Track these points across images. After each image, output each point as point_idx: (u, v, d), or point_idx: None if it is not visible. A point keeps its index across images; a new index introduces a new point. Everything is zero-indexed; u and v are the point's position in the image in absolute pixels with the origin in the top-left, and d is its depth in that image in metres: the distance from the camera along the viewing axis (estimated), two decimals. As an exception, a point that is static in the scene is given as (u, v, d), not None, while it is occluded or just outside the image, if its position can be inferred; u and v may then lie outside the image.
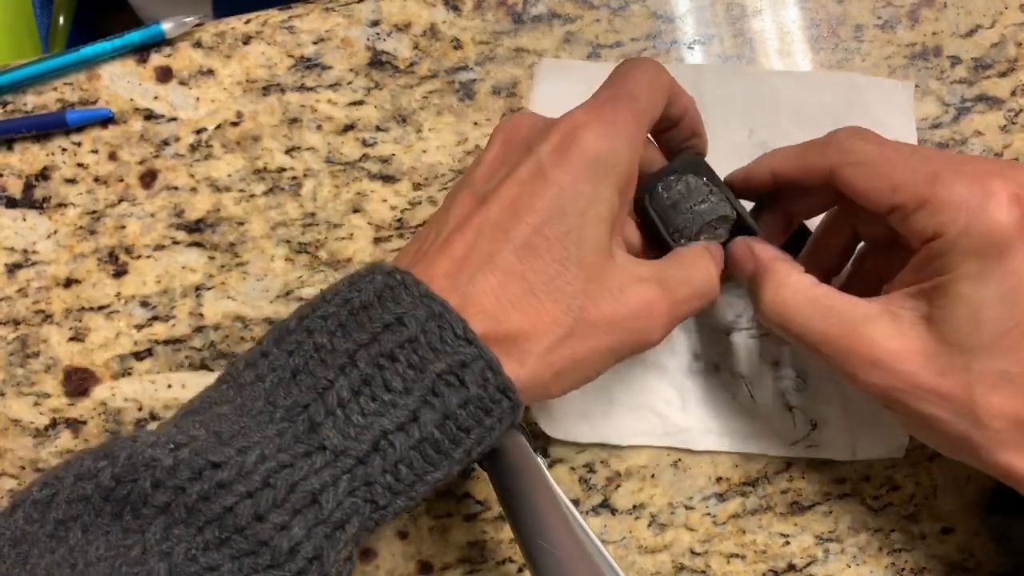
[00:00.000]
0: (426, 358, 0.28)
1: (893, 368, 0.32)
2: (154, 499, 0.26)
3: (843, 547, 0.41)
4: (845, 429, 0.41)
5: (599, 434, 0.41)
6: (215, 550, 0.26)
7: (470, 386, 0.28)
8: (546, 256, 0.31)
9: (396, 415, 0.28)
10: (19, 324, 0.41)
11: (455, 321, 0.29)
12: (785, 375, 0.41)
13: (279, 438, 0.28)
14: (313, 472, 0.27)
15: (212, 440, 0.27)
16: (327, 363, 0.29)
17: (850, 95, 0.42)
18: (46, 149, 0.42)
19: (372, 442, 0.28)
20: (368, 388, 0.28)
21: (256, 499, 0.26)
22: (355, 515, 0.27)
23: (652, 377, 0.41)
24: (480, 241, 0.31)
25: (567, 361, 0.31)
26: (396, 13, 0.43)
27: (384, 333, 0.29)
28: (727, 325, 0.41)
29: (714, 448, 0.41)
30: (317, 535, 0.27)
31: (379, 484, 0.28)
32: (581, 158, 0.32)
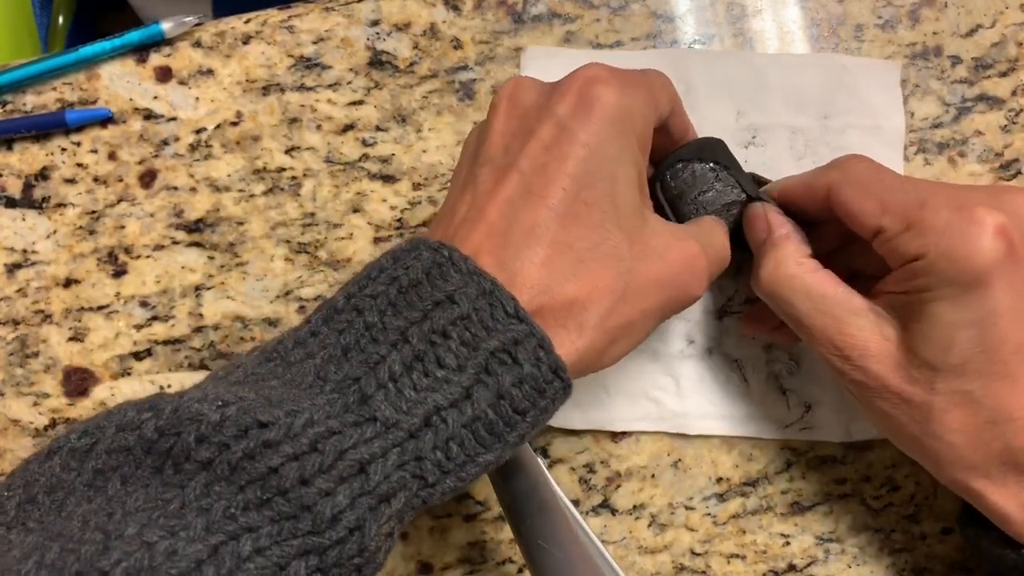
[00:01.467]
0: (478, 335, 0.28)
1: (865, 366, 0.33)
2: (197, 454, 0.26)
3: (843, 547, 0.41)
4: (838, 411, 0.41)
5: (593, 421, 0.41)
6: (255, 510, 0.25)
7: (523, 364, 0.28)
8: (588, 222, 0.30)
9: (449, 391, 0.27)
10: (19, 324, 0.41)
11: (506, 299, 0.28)
12: (778, 358, 0.41)
13: (329, 407, 0.27)
14: (363, 441, 0.26)
15: (261, 402, 0.27)
16: (378, 340, 0.28)
17: (838, 76, 0.42)
18: (45, 149, 0.42)
19: (424, 417, 0.27)
20: (420, 364, 0.28)
21: (302, 462, 0.26)
22: (402, 490, 0.27)
23: (645, 362, 0.41)
24: (518, 212, 0.30)
25: (623, 326, 0.31)
26: (396, 13, 0.43)
27: (435, 310, 0.28)
28: (720, 309, 0.41)
29: (709, 432, 0.41)
30: (361, 505, 0.26)
31: (429, 460, 0.27)
32: (604, 114, 0.31)
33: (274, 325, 0.41)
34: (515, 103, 0.33)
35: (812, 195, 0.36)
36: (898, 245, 0.32)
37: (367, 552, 0.26)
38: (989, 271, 0.30)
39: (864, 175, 0.34)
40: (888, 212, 0.33)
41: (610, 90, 0.31)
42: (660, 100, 0.34)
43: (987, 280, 0.31)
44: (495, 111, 0.33)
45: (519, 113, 0.32)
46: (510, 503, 0.32)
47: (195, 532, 0.24)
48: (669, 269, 0.32)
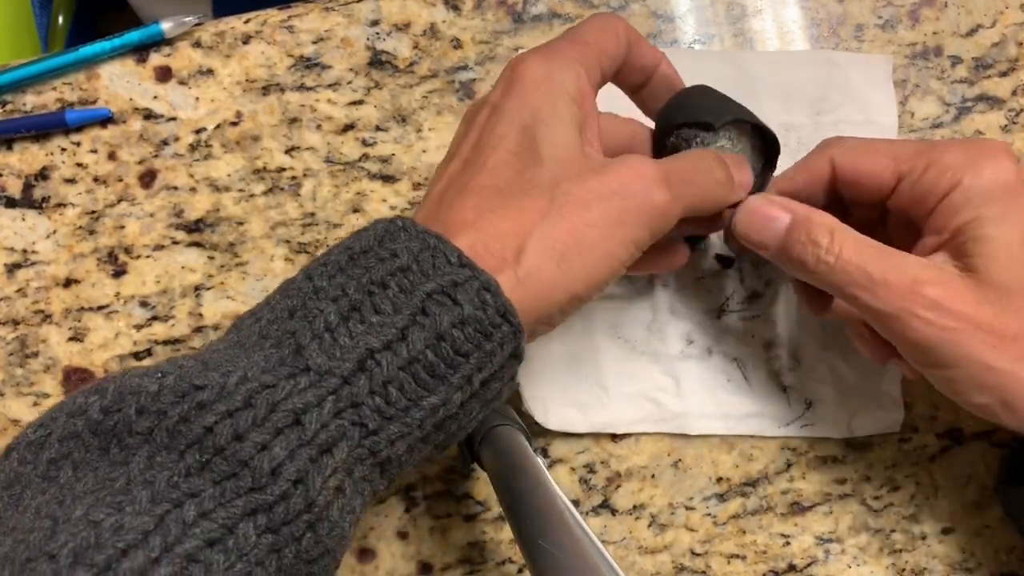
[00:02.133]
0: (417, 282, 0.28)
1: (951, 308, 0.32)
2: (137, 425, 0.26)
3: (843, 547, 0.41)
4: (839, 407, 0.41)
5: (593, 423, 0.41)
6: (196, 475, 0.25)
7: (464, 305, 0.27)
8: (518, 165, 0.31)
9: (383, 334, 0.27)
10: (18, 324, 0.41)
11: (449, 250, 0.28)
12: (778, 355, 0.41)
13: (264, 362, 0.27)
14: (296, 392, 0.26)
15: (199, 367, 0.27)
16: (320, 297, 0.28)
17: (830, 71, 0.42)
18: (45, 149, 0.42)
19: (358, 361, 0.27)
20: (357, 313, 0.28)
21: (236, 418, 0.25)
22: (343, 439, 0.26)
23: (645, 364, 0.41)
24: (456, 179, 0.32)
25: (568, 243, 0.30)
26: (396, 13, 0.43)
27: (378, 265, 0.28)
28: (719, 308, 0.41)
29: (710, 432, 0.41)
30: (301, 457, 0.26)
31: (367, 406, 0.27)
32: (527, 84, 0.32)
33: (274, 325, 0.41)
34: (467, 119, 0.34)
35: (815, 178, 0.35)
36: (926, 184, 0.33)
37: (316, 507, 0.26)
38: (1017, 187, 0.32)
39: (861, 141, 0.35)
40: (902, 159, 0.33)
41: (532, 62, 0.32)
42: (602, 45, 0.34)
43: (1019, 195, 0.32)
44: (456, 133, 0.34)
45: (467, 122, 0.34)
46: (510, 503, 0.32)
47: (140, 505, 0.24)
48: (610, 181, 0.31)
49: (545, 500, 0.31)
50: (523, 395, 0.40)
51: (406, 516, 0.41)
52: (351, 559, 0.40)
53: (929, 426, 0.42)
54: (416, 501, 0.41)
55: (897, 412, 0.41)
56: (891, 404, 0.41)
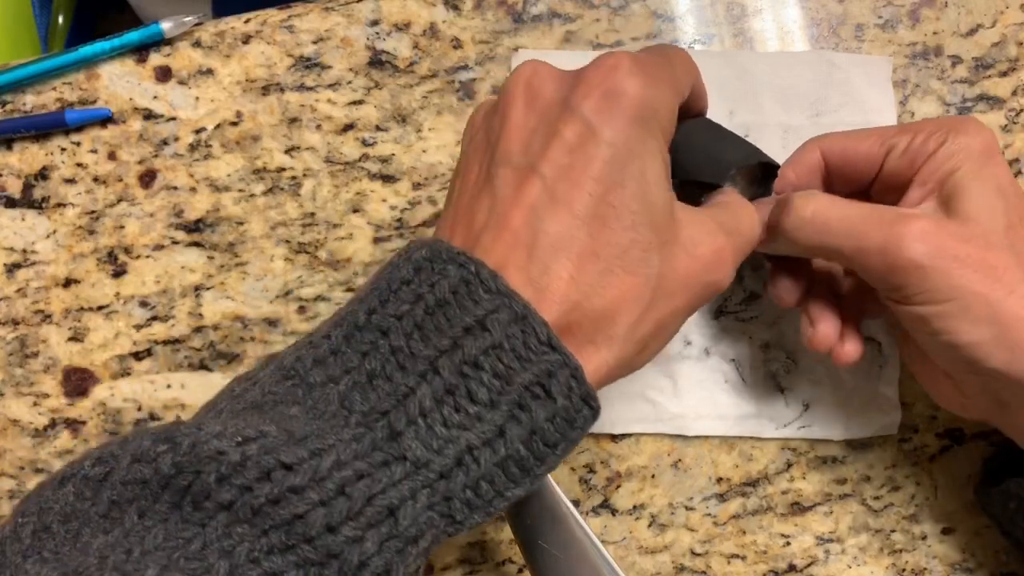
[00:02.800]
0: (511, 367, 0.27)
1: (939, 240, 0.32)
2: (218, 495, 0.25)
3: (844, 547, 0.41)
4: (837, 408, 0.41)
5: None
6: (279, 555, 0.24)
7: (557, 398, 0.27)
8: (615, 226, 0.29)
9: (482, 429, 0.26)
10: (18, 324, 0.41)
11: (539, 324, 0.27)
12: (775, 357, 0.41)
13: (356, 443, 0.26)
14: (392, 484, 0.26)
15: (282, 438, 0.25)
16: (406, 369, 0.27)
17: (828, 72, 0.42)
18: (45, 149, 0.42)
19: (456, 457, 0.26)
20: (452, 398, 0.27)
21: (329, 508, 0.25)
22: (430, 529, 0.26)
23: None
24: (543, 221, 0.29)
25: (652, 332, 0.30)
26: (396, 12, 0.43)
27: (466, 337, 0.27)
28: (716, 309, 0.41)
29: (707, 433, 0.41)
30: (389, 550, 0.25)
31: (458, 500, 0.26)
32: (629, 110, 0.29)
33: (274, 325, 0.41)
34: (533, 94, 0.31)
35: (807, 170, 0.37)
36: (915, 147, 0.35)
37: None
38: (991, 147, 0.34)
39: (843, 132, 0.37)
40: (888, 136, 0.35)
41: (635, 82, 0.30)
42: (683, 83, 0.33)
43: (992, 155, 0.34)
44: (511, 101, 0.31)
45: (539, 107, 0.30)
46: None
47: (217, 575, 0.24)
48: (697, 265, 0.31)
49: (545, 500, 0.31)
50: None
51: (406, 516, 0.41)
52: (351, 559, 0.40)
53: (929, 426, 0.42)
54: (416, 501, 0.41)
55: (894, 414, 0.41)
56: (888, 406, 0.41)
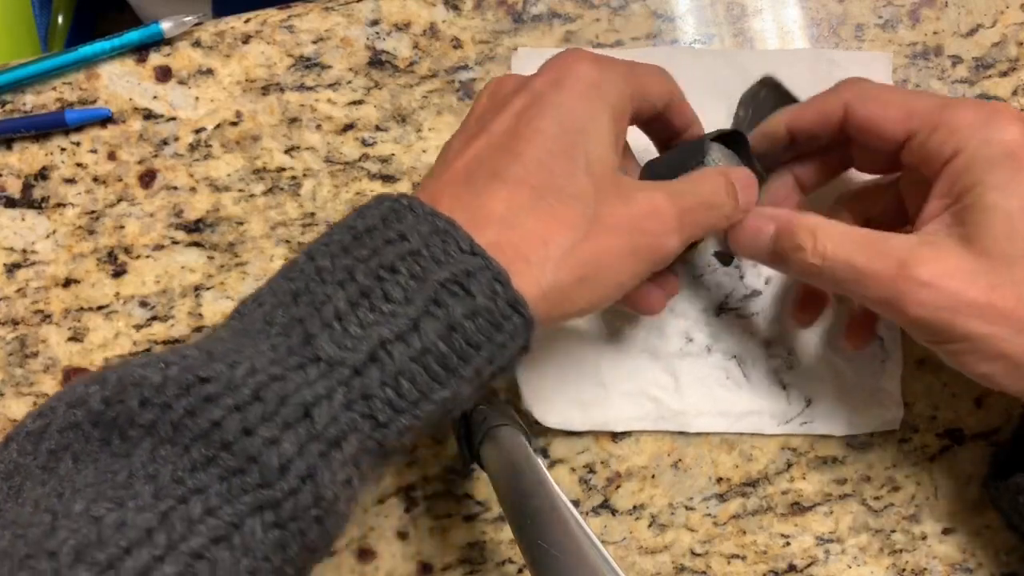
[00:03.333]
0: (428, 268, 0.27)
1: (943, 287, 0.31)
2: (141, 418, 0.25)
3: (844, 548, 0.41)
4: (839, 404, 0.41)
5: (593, 421, 0.41)
6: (202, 470, 0.25)
7: (476, 295, 0.27)
8: (554, 168, 0.30)
9: (396, 324, 0.26)
10: (18, 324, 0.41)
11: (461, 236, 0.28)
12: (777, 353, 0.41)
13: (272, 352, 0.26)
14: (306, 384, 0.25)
15: (203, 357, 0.26)
16: (326, 281, 0.27)
17: (827, 70, 0.42)
18: (45, 149, 0.42)
19: (369, 352, 0.26)
20: (367, 300, 0.27)
21: (244, 412, 0.25)
22: (353, 432, 0.26)
23: (645, 361, 0.41)
24: (484, 161, 0.30)
25: (590, 265, 0.30)
26: (396, 12, 0.43)
27: (385, 247, 0.28)
28: (718, 306, 0.41)
29: (709, 430, 0.41)
30: (310, 452, 0.25)
31: (378, 398, 0.26)
32: (576, 83, 0.31)
33: (274, 325, 0.41)
34: (496, 89, 0.33)
35: (826, 119, 0.35)
36: (933, 145, 0.33)
37: (324, 502, 0.25)
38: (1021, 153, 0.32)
39: (878, 88, 0.35)
40: (914, 116, 0.33)
41: (586, 64, 0.32)
42: (644, 83, 0.34)
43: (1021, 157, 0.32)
44: (477, 99, 0.34)
45: (499, 96, 0.33)
46: (510, 503, 0.32)
47: (143, 500, 0.24)
48: (634, 211, 0.31)
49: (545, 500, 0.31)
50: (522, 394, 0.40)
51: (406, 516, 0.41)
52: (351, 559, 0.40)
53: (929, 426, 0.42)
54: (416, 501, 0.41)
55: (896, 409, 0.41)
56: (891, 401, 0.41)
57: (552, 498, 0.31)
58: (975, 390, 0.42)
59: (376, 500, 0.41)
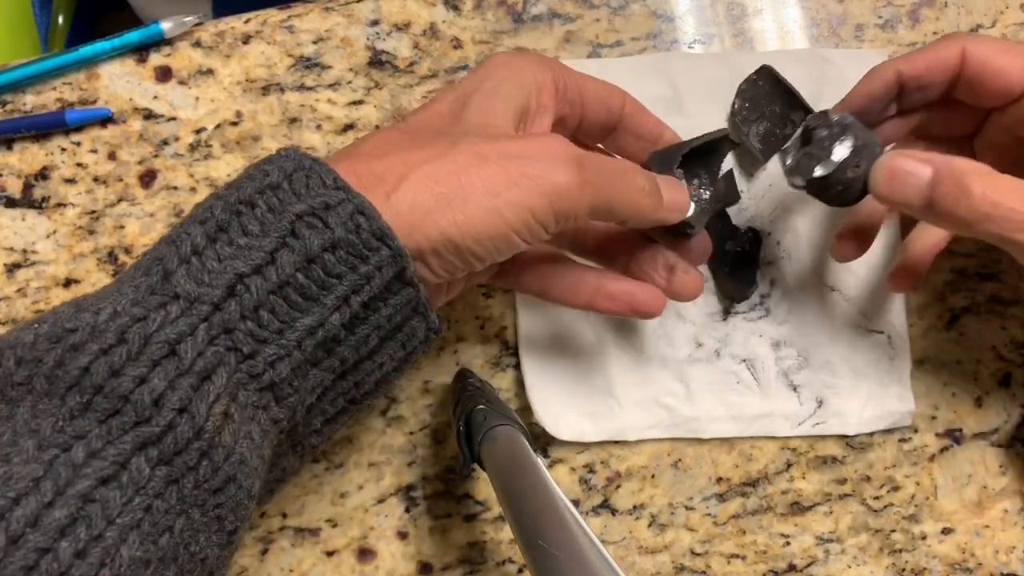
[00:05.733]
0: (286, 201, 0.28)
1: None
2: (16, 376, 0.26)
3: (843, 547, 0.41)
4: (850, 403, 0.41)
5: (606, 432, 0.41)
6: (80, 417, 0.25)
7: (335, 228, 0.27)
8: (438, 122, 0.31)
9: (251, 257, 0.27)
10: (18, 324, 0.41)
11: (324, 171, 0.28)
12: (787, 355, 0.41)
13: (134, 293, 0.27)
14: (168, 322, 0.26)
15: (71, 310, 0.27)
16: (189, 219, 0.28)
17: (821, 69, 0.41)
18: (45, 149, 0.42)
19: (227, 286, 0.27)
20: (225, 234, 0.27)
21: (110, 355, 0.25)
22: (220, 365, 0.26)
23: (654, 369, 0.41)
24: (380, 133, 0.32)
25: (452, 184, 0.29)
26: (396, 13, 0.43)
27: (246, 183, 0.28)
28: (724, 310, 0.41)
29: (723, 435, 0.41)
30: (181, 386, 0.26)
31: (240, 331, 0.27)
32: (488, 63, 0.33)
33: (274, 325, 0.41)
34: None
35: (939, 66, 0.34)
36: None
37: (205, 433, 0.26)
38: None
39: (996, 40, 0.34)
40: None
41: (506, 52, 0.34)
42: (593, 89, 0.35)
43: None
44: None
45: None
46: (510, 503, 0.32)
47: (28, 454, 0.24)
48: (518, 145, 0.30)
49: (545, 500, 0.31)
50: (533, 408, 0.40)
51: (406, 516, 0.41)
52: (351, 559, 0.40)
53: (929, 426, 0.42)
54: (416, 501, 0.41)
55: (908, 406, 0.41)
56: (902, 398, 0.41)
57: (552, 498, 0.31)
58: (975, 390, 0.42)
59: (376, 500, 0.41)
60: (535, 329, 0.41)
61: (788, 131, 0.41)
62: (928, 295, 0.42)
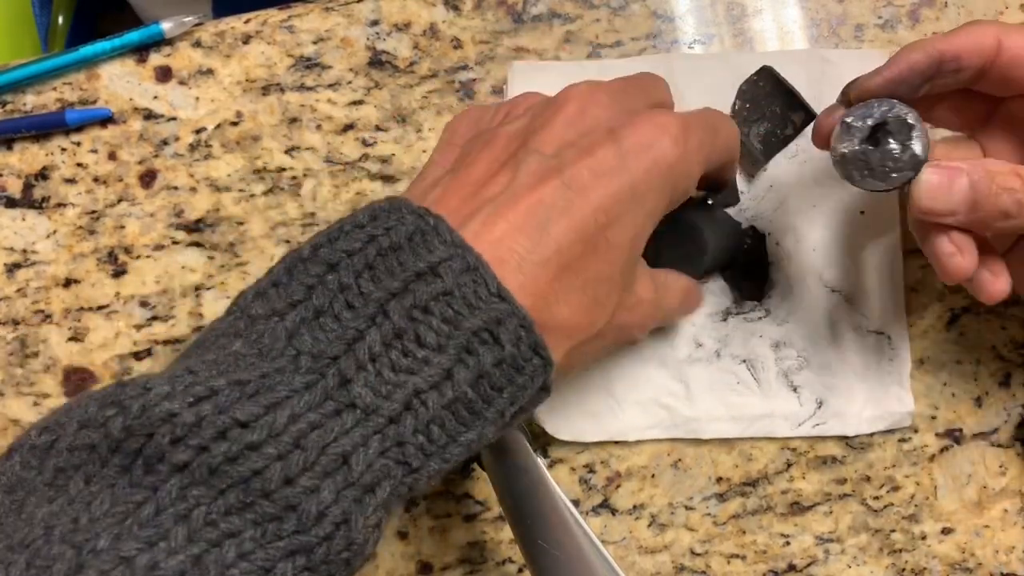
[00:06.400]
0: (461, 313, 0.27)
1: None
2: (173, 456, 0.25)
3: (843, 547, 0.41)
4: (851, 404, 0.41)
5: (605, 432, 0.41)
6: (236, 514, 0.24)
7: (505, 344, 0.27)
8: (602, 257, 0.31)
9: (430, 373, 0.27)
10: (18, 324, 0.41)
11: (489, 276, 0.28)
12: (787, 355, 0.41)
13: (308, 393, 0.26)
14: (343, 433, 0.26)
15: (235, 393, 0.26)
16: (356, 309, 0.27)
17: (820, 69, 0.41)
18: (45, 149, 0.42)
19: (404, 401, 0.26)
20: (400, 342, 0.27)
21: (286, 461, 0.25)
22: (386, 478, 0.26)
23: (654, 369, 0.41)
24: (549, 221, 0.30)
25: (583, 356, 0.32)
26: (396, 13, 0.43)
27: (417, 283, 0.27)
28: (724, 310, 0.41)
29: (722, 435, 0.41)
30: (346, 498, 0.25)
31: (411, 444, 0.26)
32: (658, 167, 0.31)
33: (274, 325, 0.41)
34: (582, 110, 0.32)
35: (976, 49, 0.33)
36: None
37: (355, 545, 0.26)
38: None
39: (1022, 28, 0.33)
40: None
41: (676, 151, 0.31)
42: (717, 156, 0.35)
43: None
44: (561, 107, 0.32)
45: (584, 124, 0.32)
46: (510, 503, 0.32)
47: (176, 542, 0.24)
48: (633, 321, 0.34)
49: (545, 500, 0.31)
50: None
51: (406, 516, 0.41)
52: (351, 559, 0.40)
53: (929, 426, 0.42)
54: (416, 501, 0.41)
55: (908, 406, 0.41)
56: (901, 399, 0.41)
57: (552, 498, 0.31)
58: (975, 390, 0.42)
59: (376, 500, 0.41)
60: (535, 329, 0.41)
61: (789, 132, 0.41)
62: (928, 295, 0.42)
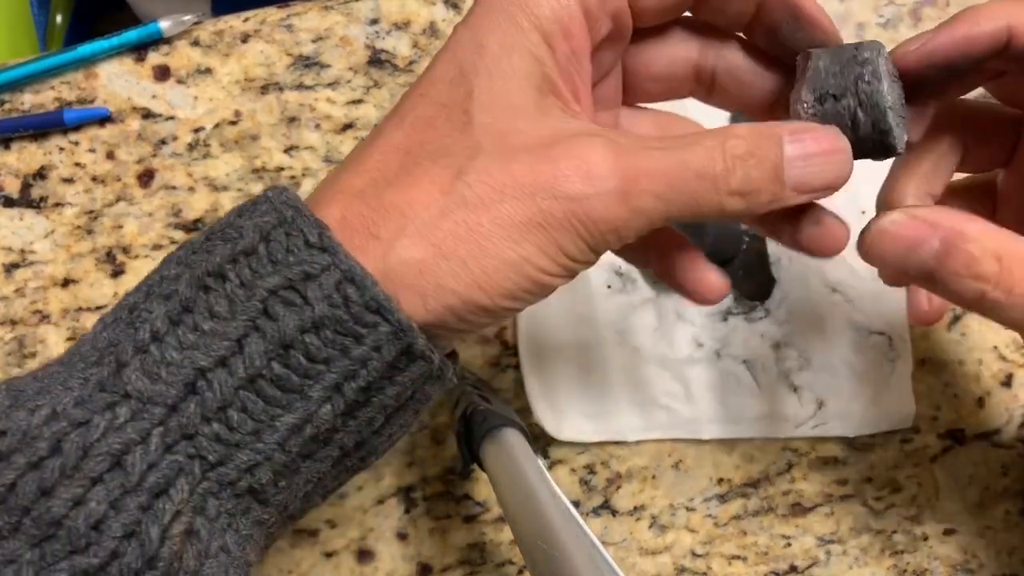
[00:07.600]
0: (260, 272, 0.23)
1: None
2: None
3: (845, 548, 0.41)
4: (851, 405, 0.41)
5: (606, 432, 0.40)
6: (11, 538, 0.21)
7: (315, 303, 0.22)
8: (441, 126, 0.24)
9: (214, 346, 0.22)
10: (16, 324, 0.41)
11: (309, 226, 0.23)
12: (787, 355, 0.41)
13: (81, 388, 0.23)
14: (114, 429, 0.22)
15: (5, 403, 0.23)
16: (152, 293, 0.24)
17: None
18: (43, 148, 0.42)
19: (185, 383, 0.22)
20: (190, 316, 0.23)
21: (41, 470, 0.21)
22: (179, 477, 0.22)
23: (654, 369, 0.41)
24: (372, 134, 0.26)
25: (460, 237, 0.23)
26: (395, 11, 0.43)
27: (219, 247, 0.23)
28: (724, 310, 0.41)
29: (722, 436, 0.41)
30: (127, 507, 0.22)
31: (203, 436, 0.22)
32: (484, 5, 0.25)
33: (273, 325, 0.41)
34: None
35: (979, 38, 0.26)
36: None
37: (161, 561, 0.22)
38: None
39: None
40: None
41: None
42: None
43: None
44: None
45: None
46: (510, 504, 0.32)
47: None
48: (544, 170, 0.23)
49: (545, 501, 0.31)
50: (533, 407, 0.40)
51: (406, 517, 0.41)
52: (350, 560, 0.40)
53: (931, 427, 0.42)
54: (416, 502, 0.41)
55: (908, 407, 0.41)
56: (902, 400, 0.41)
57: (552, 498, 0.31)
58: (977, 390, 0.42)
59: (375, 501, 0.41)
60: (535, 329, 0.41)
61: None
62: (929, 295, 0.42)
